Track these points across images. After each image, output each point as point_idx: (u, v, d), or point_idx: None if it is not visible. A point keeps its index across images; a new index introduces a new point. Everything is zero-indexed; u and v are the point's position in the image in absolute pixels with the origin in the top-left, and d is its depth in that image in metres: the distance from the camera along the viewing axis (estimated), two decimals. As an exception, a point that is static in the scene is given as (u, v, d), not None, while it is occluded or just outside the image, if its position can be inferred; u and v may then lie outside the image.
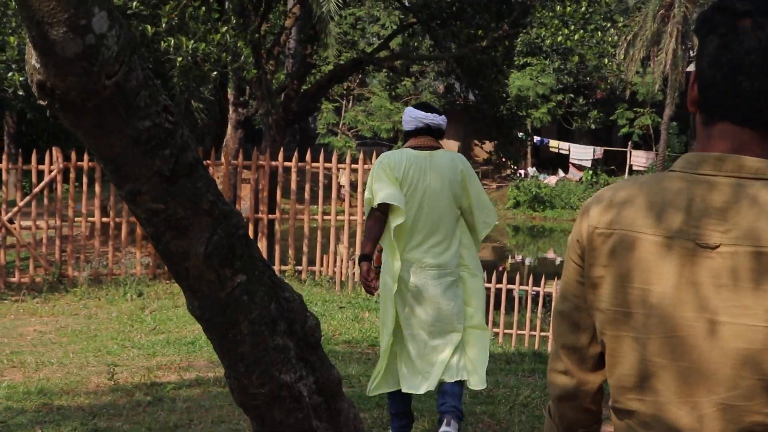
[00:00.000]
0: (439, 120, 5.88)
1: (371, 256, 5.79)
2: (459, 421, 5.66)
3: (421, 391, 5.77)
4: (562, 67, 38.85)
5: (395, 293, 5.71)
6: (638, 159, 40.02)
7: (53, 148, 13.66)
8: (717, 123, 1.79)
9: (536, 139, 40.81)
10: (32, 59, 1.93)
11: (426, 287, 5.72)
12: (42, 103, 2.01)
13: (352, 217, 14.00)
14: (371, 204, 5.74)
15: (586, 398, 2.00)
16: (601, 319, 1.82)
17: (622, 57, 36.93)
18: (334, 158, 13.73)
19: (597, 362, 1.93)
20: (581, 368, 1.96)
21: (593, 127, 41.71)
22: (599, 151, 40.50)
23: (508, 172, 40.86)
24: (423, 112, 5.84)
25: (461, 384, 5.77)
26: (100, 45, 1.92)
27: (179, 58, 12.84)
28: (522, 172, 40.45)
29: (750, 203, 1.70)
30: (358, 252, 13.27)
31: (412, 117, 5.88)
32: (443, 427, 5.57)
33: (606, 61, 33.20)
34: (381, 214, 5.70)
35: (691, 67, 34.31)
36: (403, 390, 5.79)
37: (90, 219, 13.74)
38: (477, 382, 5.79)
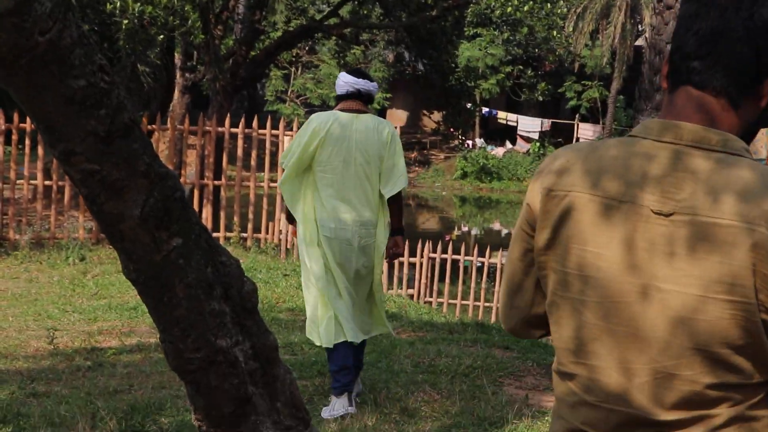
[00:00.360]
0: (369, 86, 6.18)
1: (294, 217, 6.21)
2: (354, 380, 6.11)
3: (358, 341, 6.03)
4: (511, 38, 38.95)
5: (325, 246, 6.01)
6: (585, 132, 40.28)
7: (-5, 110, 13.43)
8: (679, 88, 1.81)
9: (484, 110, 40.91)
10: (-38, 14, 1.89)
11: (350, 241, 6.03)
12: (-28, 59, 1.96)
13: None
14: (283, 160, 6.24)
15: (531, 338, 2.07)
16: (548, 283, 1.86)
17: (571, 29, 37.11)
18: (281, 125, 13.65)
19: (540, 323, 1.98)
20: (525, 326, 2.01)
21: (541, 99, 41.90)
22: (547, 123, 40.71)
23: (456, 142, 40.94)
24: (354, 78, 6.16)
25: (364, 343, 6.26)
26: (32, 0, 1.88)
27: (125, 21, 12.68)
28: (470, 143, 40.57)
29: (688, 172, 1.72)
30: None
31: (344, 81, 6.17)
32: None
33: (555, 33, 33.31)
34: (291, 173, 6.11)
35: (640, 41, 34.37)
36: (349, 339, 5.97)
37: (32, 182, 13.56)
38: (386, 329, 6.40)
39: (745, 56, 1.75)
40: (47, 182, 13.46)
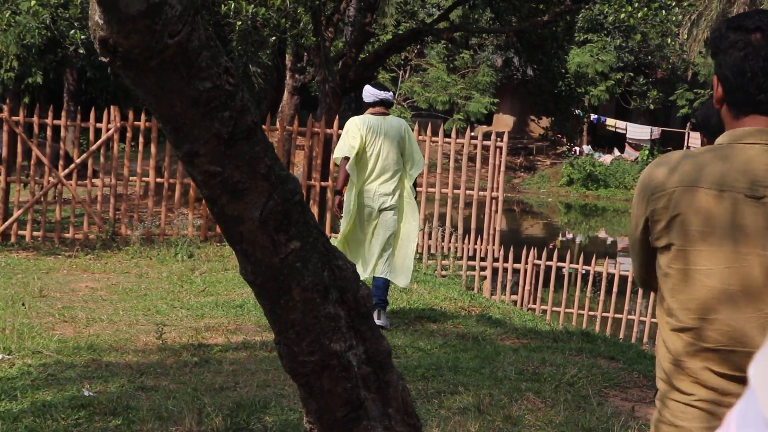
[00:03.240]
0: (389, 96, 8.69)
1: (342, 192, 8.69)
2: (384, 308, 8.63)
3: (364, 276, 8.29)
4: (623, 44, 38.39)
5: (356, 210, 8.51)
6: (696, 141, 39.48)
7: (112, 107, 13.75)
8: (747, 116, 2.39)
9: (593, 116, 40.43)
10: (96, 15, 1.92)
11: (375, 207, 8.54)
12: (104, 60, 1.99)
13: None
14: (342, 153, 8.54)
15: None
16: (668, 256, 2.39)
17: (686, 37, 36.39)
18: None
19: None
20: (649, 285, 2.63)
21: (652, 107, 41.21)
22: (656, 131, 40.03)
23: (564, 149, 40.50)
24: (378, 90, 8.62)
25: (387, 281, 8.68)
26: (163, 3, 1.90)
27: (239, 23, 12.84)
28: (577, 149, 40.10)
29: None
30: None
31: (371, 93, 8.60)
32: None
33: (669, 40, 32.72)
34: (346, 161, 8.50)
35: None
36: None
37: (144, 179, 13.84)
38: (402, 281, 8.86)
39: None
40: (159, 179, 13.72)
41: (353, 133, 8.47)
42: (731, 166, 2.31)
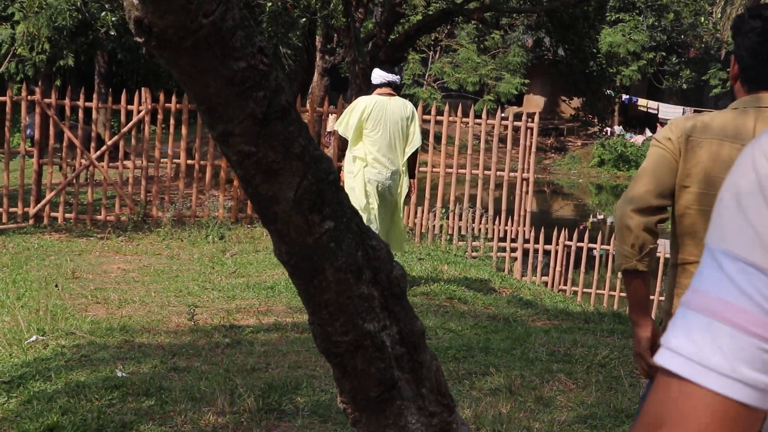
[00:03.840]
0: (396, 78, 9.23)
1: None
2: None
3: None
4: (655, 24, 38.09)
5: (368, 184, 9.02)
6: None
7: (142, 89, 13.80)
8: (760, 91, 2.96)
9: (624, 97, 40.17)
10: (130, -5, 1.92)
11: (383, 182, 9.08)
12: (138, 40, 1.99)
13: (434, 169, 13.94)
14: (337, 126, 9.25)
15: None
16: (688, 198, 3.06)
17: (719, 15, 36.08)
18: (419, 109, 13.65)
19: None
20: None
21: (684, 86, 40.91)
22: (689, 111, 39.73)
23: (595, 129, 40.28)
24: (386, 72, 9.17)
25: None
26: (197, -17, 1.90)
27: (269, 4, 12.85)
28: (608, 130, 39.88)
29: None
30: (439, 204, 13.26)
31: (378, 74, 9.18)
32: None
33: (702, 19, 32.45)
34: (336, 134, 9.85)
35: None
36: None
37: (175, 161, 13.91)
38: (397, 247, 9.47)
39: None
40: (189, 161, 13.77)
41: (356, 112, 9.07)
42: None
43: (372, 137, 9.01)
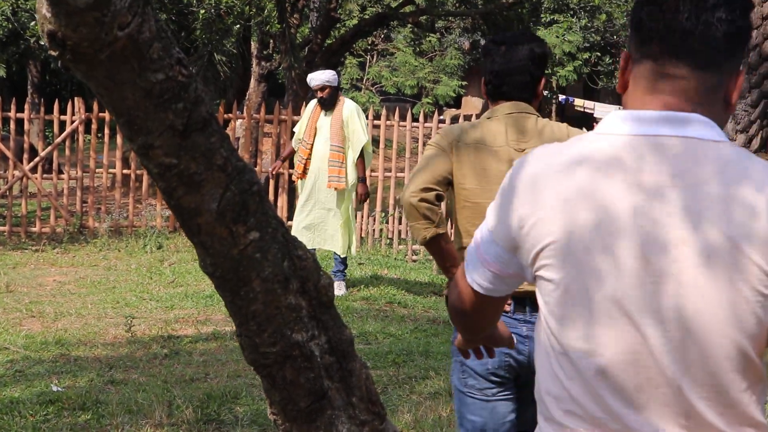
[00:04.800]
0: (330, 78, 9.52)
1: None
2: (342, 280, 9.83)
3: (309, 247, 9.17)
4: (588, 24, 38.49)
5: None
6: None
7: (76, 99, 13.63)
8: (500, 101, 3.66)
9: (561, 97, 40.51)
10: (43, 8, 1.89)
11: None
12: (53, 53, 1.96)
13: (373, 173, 13.95)
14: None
15: None
16: (466, 193, 3.60)
17: (650, 16, 36.50)
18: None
19: None
20: None
21: (618, 86, 41.34)
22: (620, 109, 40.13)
23: (532, 130, 40.49)
24: (321, 75, 9.52)
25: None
26: (112, -5, 1.88)
27: (202, 11, 12.78)
28: (546, 130, 40.16)
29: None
30: (378, 208, 13.26)
31: (313, 78, 9.54)
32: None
33: (633, 20, 32.75)
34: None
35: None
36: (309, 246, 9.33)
37: (111, 170, 13.77)
38: (341, 250, 9.63)
39: None
40: (126, 171, 13.65)
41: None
42: None
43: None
